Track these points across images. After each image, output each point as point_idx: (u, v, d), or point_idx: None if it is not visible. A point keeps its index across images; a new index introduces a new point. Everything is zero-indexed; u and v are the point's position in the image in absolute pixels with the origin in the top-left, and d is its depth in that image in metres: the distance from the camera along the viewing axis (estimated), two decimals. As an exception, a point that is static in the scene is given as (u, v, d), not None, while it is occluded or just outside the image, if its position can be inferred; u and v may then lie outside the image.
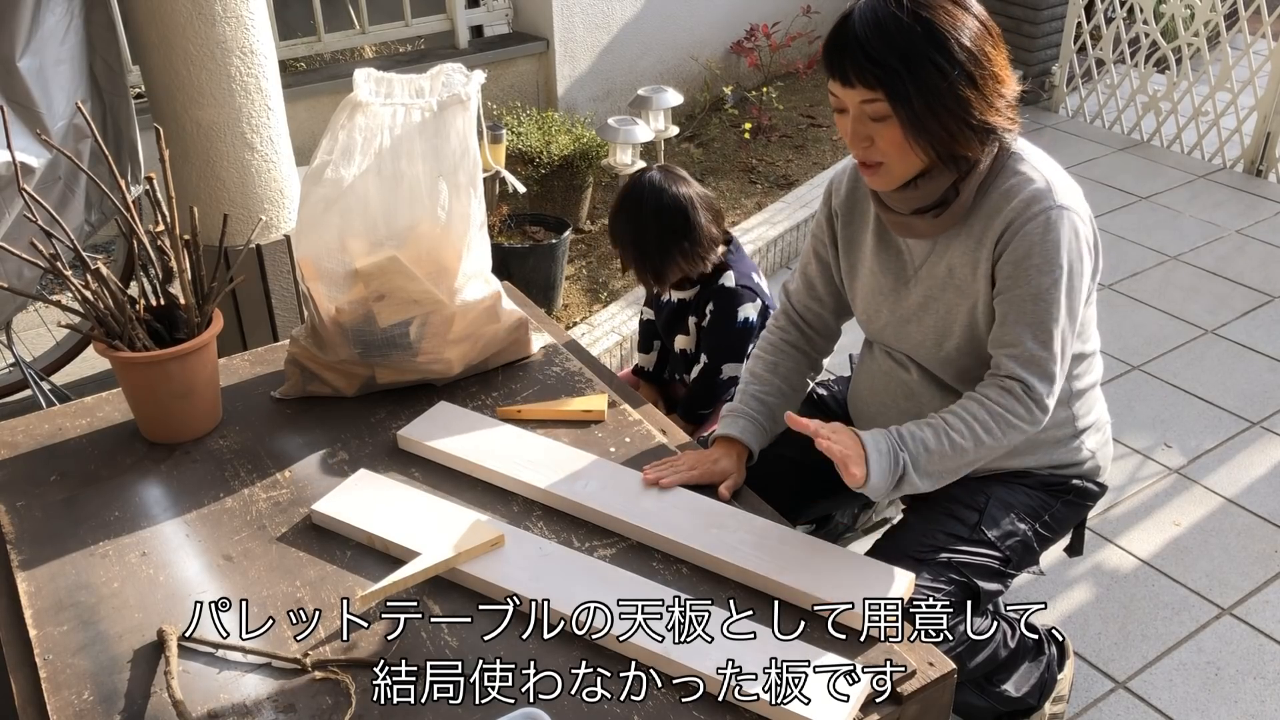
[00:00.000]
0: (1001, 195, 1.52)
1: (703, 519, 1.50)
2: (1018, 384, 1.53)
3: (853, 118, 1.48)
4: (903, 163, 1.49)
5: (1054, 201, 1.49)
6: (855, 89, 1.45)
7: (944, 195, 1.54)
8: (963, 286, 1.58)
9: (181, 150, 2.44)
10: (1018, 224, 1.50)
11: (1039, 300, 1.50)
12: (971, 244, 1.56)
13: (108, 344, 1.59)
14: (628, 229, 2.24)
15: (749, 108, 4.64)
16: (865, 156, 1.51)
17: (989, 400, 1.54)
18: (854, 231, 1.74)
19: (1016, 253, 1.50)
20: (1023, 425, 1.54)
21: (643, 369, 2.54)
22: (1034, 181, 1.51)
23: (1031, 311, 1.51)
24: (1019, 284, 1.51)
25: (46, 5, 2.22)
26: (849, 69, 1.44)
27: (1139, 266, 3.80)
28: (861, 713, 1.24)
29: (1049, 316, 1.51)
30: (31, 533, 1.50)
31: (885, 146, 1.48)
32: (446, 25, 4.33)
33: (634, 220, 2.23)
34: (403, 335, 1.72)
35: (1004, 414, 1.53)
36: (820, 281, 1.82)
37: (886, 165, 1.50)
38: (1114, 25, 4.80)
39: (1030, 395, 1.53)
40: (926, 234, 1.59)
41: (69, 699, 1.24)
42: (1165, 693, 2.14)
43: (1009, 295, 1.52)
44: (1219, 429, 2.93)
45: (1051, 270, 1.49)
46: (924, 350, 1.66)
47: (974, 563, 1.63)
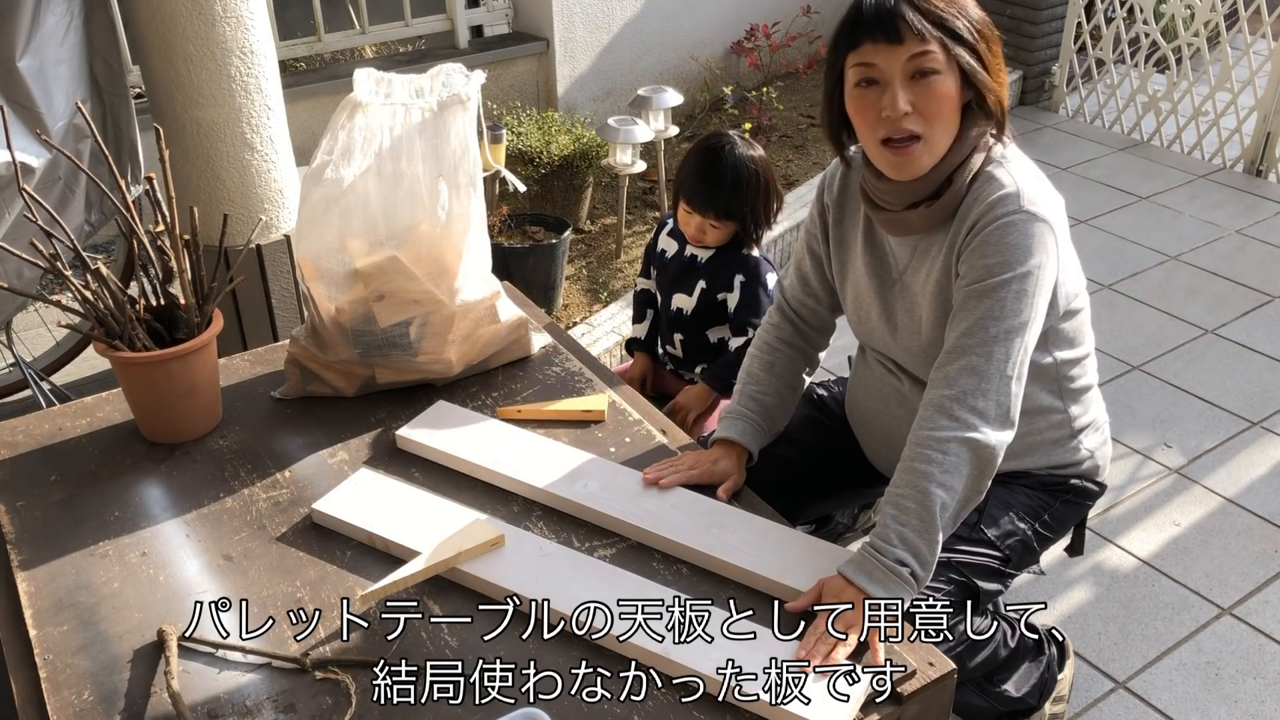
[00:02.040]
0: (974, 198, 1.52)
1: (703, 519, 1.50)
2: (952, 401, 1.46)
3: (898, 82, 1.45)
4: (945, 127, 1.48)
5: (1019, 205, 1.47)
6: (905, 44, 1.43)
7: (939, 186, 1.53)
8: (942, 292, 1.58)
9: (181, 150, 2.44)
10: (980, 225, 1.49)
11: (984, 297, 1.47)
12: (947, 247, 1.56)
13: (108, 344, 1.59)
14: (728, 176, 2.23)
15: (749, 108, 4.64)
16: (906, 125, 1.46)
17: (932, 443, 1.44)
18: (845, 230, 1.74)
19: (974, 252, 1.49)
20: (969, 435, 1.44)
21: (635, 340, 2.55)
22: (1005, 186, 1.50)
23: (976, 308, 1.48)
24: (971, 281, 1.49)
25: (46, 5, 2.22)
26: (899, 23, 1.42)
27: (1139, 266, 3.80)
28: (861, 713, 1.24)
29: (990, 316, 1.46)
30: (31, 533, 1.50)
31: (933, 108, 1.45)
32: (446, 25, 4.33)
33: (735, 171, 2.24)
34: (403, 335, 1.72)
35: (946, 443, 1.44)
36: (814, 276, 1.82)
37: (926, 137, 1.47)
38: (1114, 25, 4.80)
39: (966, 404, 1.46)
40: (918, 229, 1.58)
41: (69, 699, 1.24)
42: (1165, 693, 2.14)
43: (962, 291, 1.50)
44: (1219, 429, 2.93)
45: (1004, 270, 1.46)
46: (911, 356, 1.66)
47: (974, 562, 1.63)
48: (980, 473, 1.45)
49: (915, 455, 1.45)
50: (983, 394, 1.45)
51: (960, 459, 1.43)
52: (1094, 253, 3.88)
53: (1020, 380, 1.48)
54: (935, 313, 1.59)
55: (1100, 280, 3.70)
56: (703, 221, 2.27)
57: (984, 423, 1.45)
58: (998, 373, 1.46)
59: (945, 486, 1.42)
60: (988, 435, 1.45)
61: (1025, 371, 1.49)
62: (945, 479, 1.42)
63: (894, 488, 1.45)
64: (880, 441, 1.82)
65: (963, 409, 1.45)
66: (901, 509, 1.42)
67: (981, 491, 1.47)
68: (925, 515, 1.41)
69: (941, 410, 1.46)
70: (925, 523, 1.40)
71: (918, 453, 1.45)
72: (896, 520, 1.41)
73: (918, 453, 1.45)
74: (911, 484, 1.43)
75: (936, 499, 1.41)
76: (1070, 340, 1.66)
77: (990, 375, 1.46)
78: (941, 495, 1.41)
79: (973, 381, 1.46)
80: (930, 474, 1.42)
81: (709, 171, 2.24)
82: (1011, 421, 1.48)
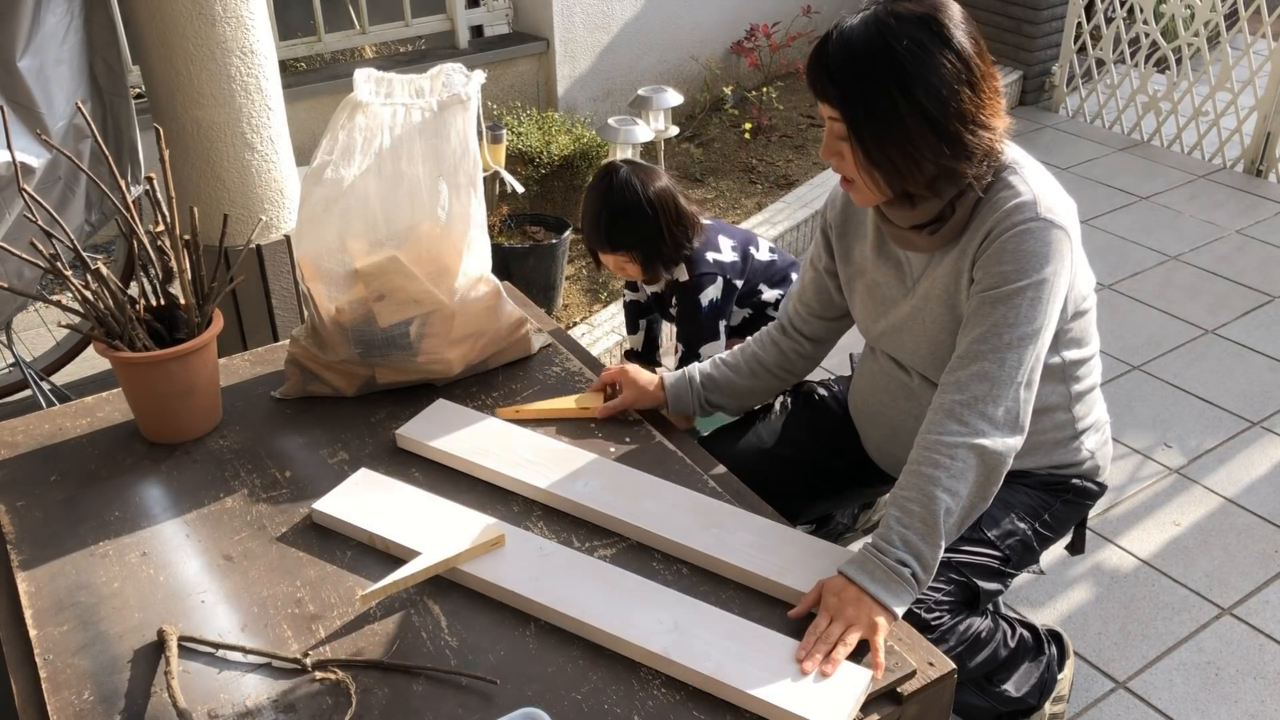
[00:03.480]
0: (990, 207, 1.52)
1: (703, 519, 1.50)
2: (963, 407, 1.46)
3: (829, 130, 1.50)
4: (867, 178, 1.50)
5: (1035, 213, 1.48)
6: (827, 102, 1.47)
7: (940, 213, 1.54)
8: (951, 298, 1.58)
9: (181, 150, 2.44)
10: (996, 232, 1.49)
11: (999, 303, 1.47)
12: (958, 252, 1.56)
13: (108, 344, 1.59)
14: (620, 230, 2.23)
15: (749, 108, 4.64)
16: (836, 170, 1.53)
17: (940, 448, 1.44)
18: (849, 244, 1.75)
19: (990, 259, 1.49)
20: (978, 441, 1.45)
21: (633, 351, 2.56)
22: (1020, 194, 1.50)
23: (990, 314, 1.48)
24: (986, 287, 1.49)
25: (47, 5, 2.22)
26: (814, 82, 1.48)
27: (1139, 266, 3.80)
28: (861, 713, 1.24)
29: (1004, 323, 1.47)
30: (31, 533, 1.50)
31: (846, 164, 1.50)
32: (446, 25, 4.33)
33: (623, 218, 2.22)
34: (403, 335, 1.72)
35: (954, 448, 1.44)
36: (812, 289, 1.84)
37: (855, 182, 1.52)
38: (1114, 25, 4.80)
39: (976, 410, 1.46)
40: (924, 248, 1.59)
41: (69, 699, 1.24)
42: (1165, 693, 2.14)
43: (976, 297, 1.51)
44: (1219, 429, 2.93)
45: (1020, 278, 1.47)
46: (919, 358, 1.66)
47: (974, 562, 1.63)
48: (987, 479, 1.46)
49: (923, 459, 1.45)
50: (994, 400, 1.46)
51: (967, 464, 1.44)
52: (1094, 253, 3.88)
53: (1031, 387, 1.48)
54: (945, 316, 1.59)
55: (1100, 280, 3.70)
56: (606, 258, 2.28)
57: (994, 429, 1.45)
58: (1009, 379, 1.46)
59: (951, 491, 1.42)
60: (996, 442, 1.45)
61: (1037, 379, 1.49)
62: (951, 484, 1.42)
63: (899, 490, 1.45)
64: (883, 436, 1.82)
65: (973, 415, 1.45)
66: (906, 511, 1.42)
67: (988, 499, 1.47)
68: (929, 519, 1.41)
69: (951, 415, 1.46)
70: (929, 526, 1.41)
71: (925, 456, 1.45)
72: (900, 522, 1.42)
73: (925, 456, 1.45)
74: (917, 487, 1.43)
75: (941, 503, 1.41)
76: (1078, 340, 1.66)
77: (1002, 381, 1.46)
78: (946, 500, 1.42)
79: (984, 388, 1.46)
80: (937, 478, 1.42)
81: (587, 210, 2.27)
82: (1021, 428, 1.48)
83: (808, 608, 1.35)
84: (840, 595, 1.34)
